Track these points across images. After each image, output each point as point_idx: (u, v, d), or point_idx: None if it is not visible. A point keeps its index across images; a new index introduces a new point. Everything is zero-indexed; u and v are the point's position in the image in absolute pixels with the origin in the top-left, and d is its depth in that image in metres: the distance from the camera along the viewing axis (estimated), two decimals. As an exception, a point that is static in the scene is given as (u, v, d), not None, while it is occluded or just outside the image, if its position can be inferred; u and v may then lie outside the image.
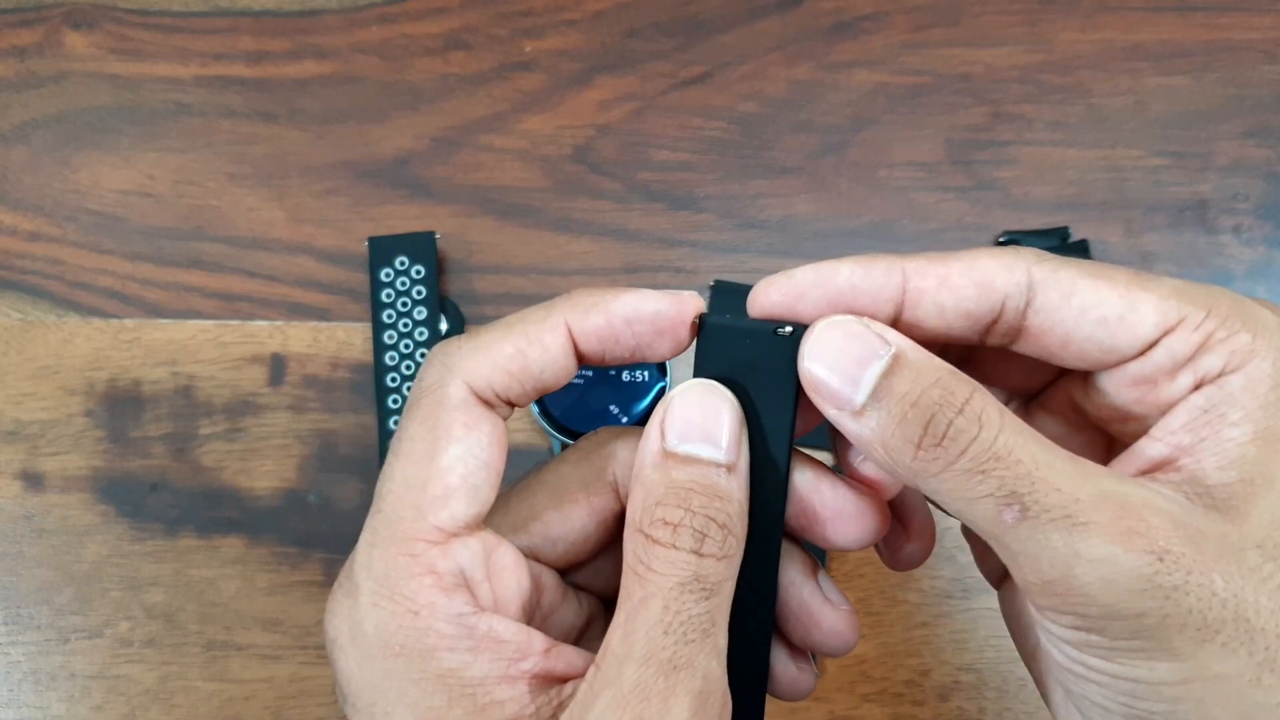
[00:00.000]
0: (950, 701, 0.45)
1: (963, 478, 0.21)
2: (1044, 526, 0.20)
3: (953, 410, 0.21)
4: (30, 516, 0.47)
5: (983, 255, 0.23)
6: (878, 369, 0.22)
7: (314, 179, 0.50)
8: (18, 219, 0.50)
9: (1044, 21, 0.51)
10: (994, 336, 0.24)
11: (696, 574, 0.22)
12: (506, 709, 0.22)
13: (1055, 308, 0.23)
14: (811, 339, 0.23)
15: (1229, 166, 0.49)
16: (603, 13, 0.52)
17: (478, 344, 0.24)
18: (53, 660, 0.45)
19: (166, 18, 0.52)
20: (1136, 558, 0.20)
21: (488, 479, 0.24)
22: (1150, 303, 0.22)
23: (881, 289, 0.23)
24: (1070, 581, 0.20)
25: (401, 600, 0.22)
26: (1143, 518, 0.20)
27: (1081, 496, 0.20)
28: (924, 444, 0.21)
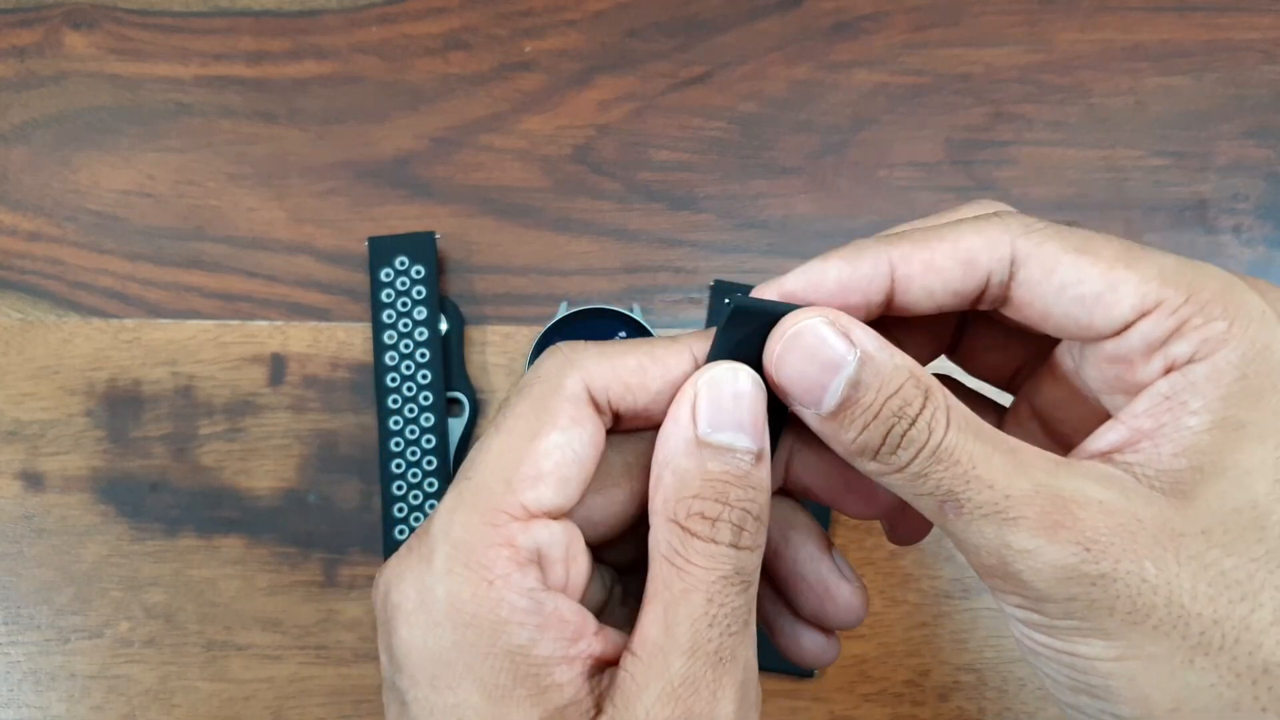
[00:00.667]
0: (950, 701, 0.45)
1: (910, 479, 0.22)
2: (977, 521, 0.22)
3: (907, 421, 0.22)
4: (30, 516, 0.47)
5: (967, 232, 0.24)
6: (845, 376, 0.22)
7: (314, 179, 0.50)
8: (18, 219, 0.50)
9: (1044, 21, 0.51)
10: (983, 305, 0.25)
11: (737, 567, 0.23)
12: (565, 692, 0.22)
13: (1036, 283, 0.23)
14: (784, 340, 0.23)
15: (1229, 166, 0.49)
16: (603, 13, 0.52)
17: (604, 349, 0.24)
18: (53, 660, 0.45)
19: (166, 18, 0.52)
20: (1061, 549, 0.21)
21: (579, 475, 0.24)
22: (1131, 284, 0.22)
23: (870, 282, 0.24)
24: (1006, 569, 0.21)
25: (477, 568, 0.22)
26: (1070, 511, 0.21)
27: (1013, 492, 0.21)
28: (880, 452, 0.22)
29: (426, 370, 0.46)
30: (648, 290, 0.49)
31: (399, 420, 0.46)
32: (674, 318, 0.48)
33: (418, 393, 0.46)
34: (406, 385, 0.46)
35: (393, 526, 0.45)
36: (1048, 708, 0.45)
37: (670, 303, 0.48)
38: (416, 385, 0.46)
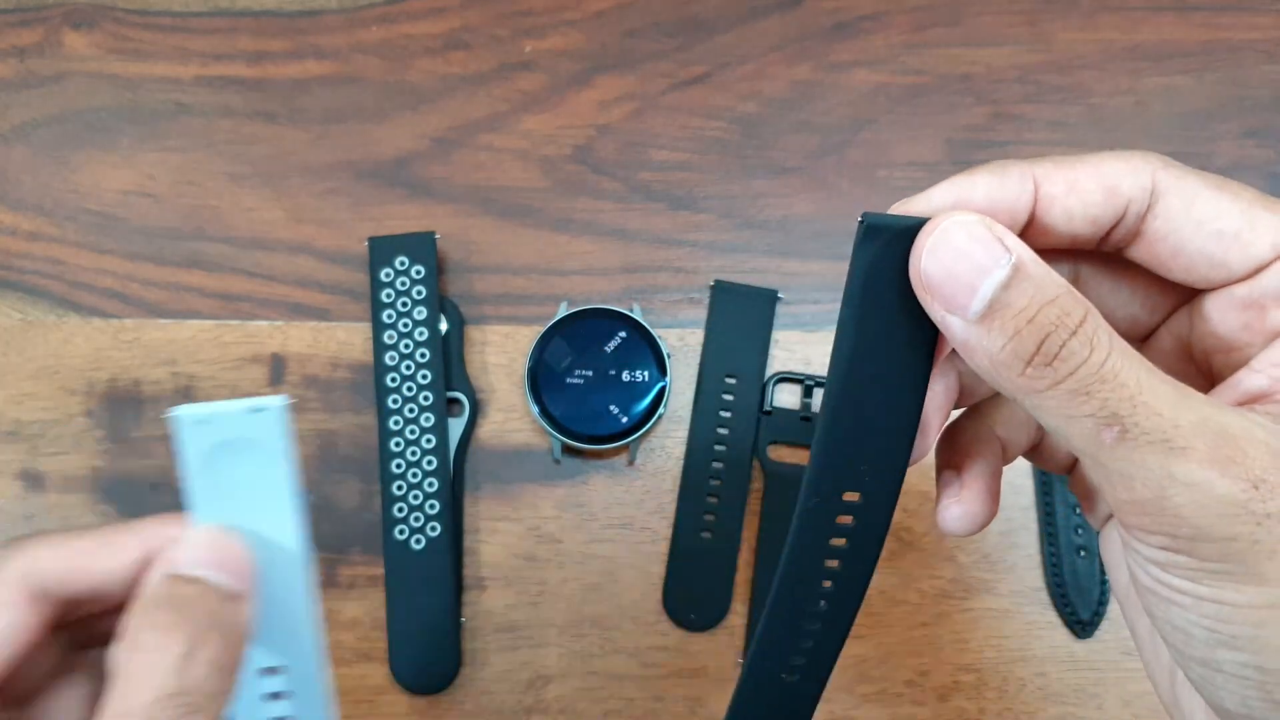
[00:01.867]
0: (950, 701, 0.45)
1: (1067, 397, 0.21)
2: (1142, 448, 0.20)
3: (1067, 331, 0.21)
4: (30, 516, 0.47)
5: (1109, 158, 0.23)
6: (998, 278, 0.21)
7: (314, 179, 0.50)
8: (18, 219, 0.50)
9: (1044, 21, 0.51)
10: (1112, 240, 0.24)
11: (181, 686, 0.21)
12: None
13: (1175, 215, 0.23)
14: (934, 235, 0.22)
15: (1229, 166, 0.49)
16: (603, 13, 0.52)
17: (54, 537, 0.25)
18: (53, 660, 0.45)
19: (166, 18, 0.52)
20: (1231, 483, 0.20)
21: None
22: (1270, 224, 0.22)
23: (1017, 199, 0.23)
24: (1163, 503, 0.20)
25: None
26: (1240, 447, 0.20)
27: (1181, 422, 0.20)
28: (1034, 362, 0.21)
29: (426, 370, 0.46)
30: (648, 290, 0.49)
31: (399, 420, 0.46)
32: (674, 318, 0.48)
33: (418, 393, 0.46)
34: (406, 385, 0.46)
35: (393, 526, 0.45)
36: (1048, 708, 0.45)
37: (670, 303, 0.48)
38: (416, 385, 0.46)
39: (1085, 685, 0.45)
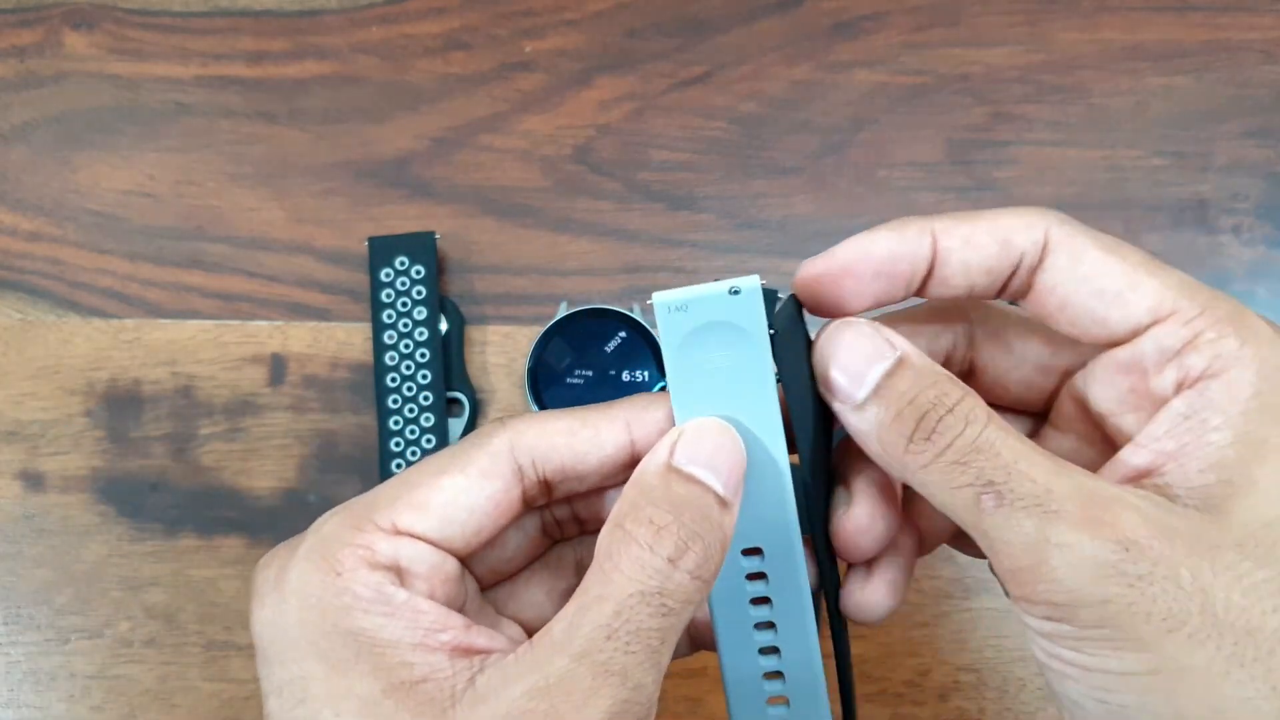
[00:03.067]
0: (950, 701, 0.45)
1: (946, 469, 0.22)
2: (1017, 513, 0.21)
3: (944, 409, 0.22)
4: (30, 516, 0.47)
5: (1005, 214, 0.25)
6: (882, 368, 0.23)
7: (314, 179, 0.50)
8: (18, 219, 0.50)
9: (1044, 21, 0.51)
10: (1007, 293, 0.25)
11: (663, 587, 0.22)
12: (416, 670, 0.22)
13: (1061, 269, 0.24)
14: (825, 336, 0.24)
15: (1229, 166, 0.49)
16: (603, 13, 0.52)
17: (539, 415, 0.25)
18: (53, 660, 0.45)
19: (166, 18, 0.52)
20: (1102, 545, 0.20)
21: (469, 521, 0.24)
22: (1150, 287, 0.23)
23: (916, 251, 0.24)
24: (1040, 568, 0.21)
25: (330, 560, 0.23)
26: (1112, 510, 0.21)
27: (1055, 488, 0.21)
28: (915, 438, 0.22)
29: (426, 370, 0.46)
30: (648, 290, 0.48)
31: (399, 420, 0.46)
32: (674, 318, 0.48)
33: (418, 393, 0.46)
34: (406, 385, 0.46)
35: (393, 526, 0.45)
36: (1047, 708, 0.45)
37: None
38: (416, 385, 0.46)
39: (1085, 685, 0.45)
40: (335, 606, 0.23)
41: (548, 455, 0.25)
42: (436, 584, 0.24)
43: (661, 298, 0.24)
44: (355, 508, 0.24)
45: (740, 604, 0.26)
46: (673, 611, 0.22)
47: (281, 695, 0.23)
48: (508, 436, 0.25)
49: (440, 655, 0.22)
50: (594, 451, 0.25)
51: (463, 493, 0.24)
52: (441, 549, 0.24)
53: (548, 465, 0.25)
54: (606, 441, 0.25)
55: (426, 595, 0.24)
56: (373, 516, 0.24)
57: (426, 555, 0.24)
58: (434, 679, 0.22)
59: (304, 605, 0.23)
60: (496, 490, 0.24)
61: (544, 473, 0.25)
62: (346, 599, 0.23)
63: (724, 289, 0.24)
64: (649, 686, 0.22)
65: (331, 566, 0.23)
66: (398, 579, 0.23)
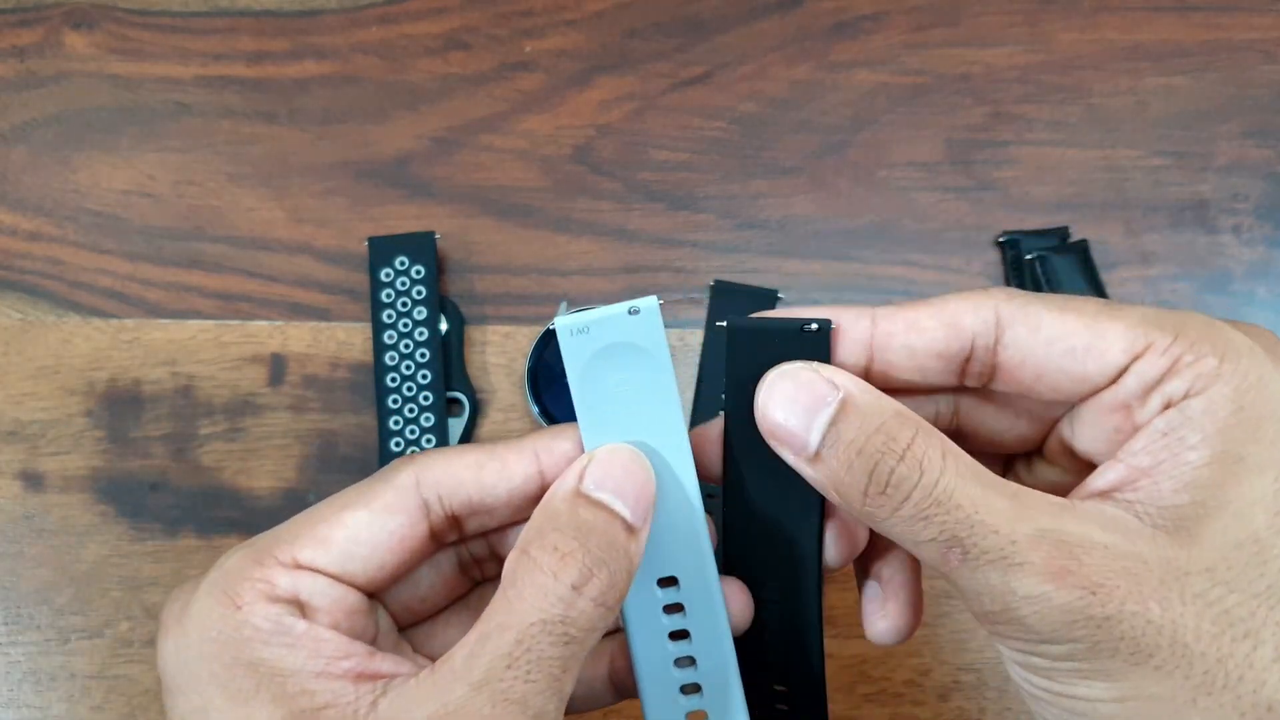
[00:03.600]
0: (950, 701, 0.45)
1: (908, 523, 0.22)
2: (983, 567, 0.21)
3: (894, 458, 0.22)
4: (30, 516, 0.47)
5: (951, 299, 0.24)
6: (826, 416, 0.22)
7: (314, 179, 0.50)
8: (18, 219, 0.50)
9: (1044, 21, 0.51)
10: (970, 377, 0.25)
11: (565, 615, 0.22)
12: (318, 698, 0.22)
13: (1024, 342, 0.23)
14: (764, 388, 0.24)
15: (1229, 166, 0.49)
16: (603, 13, 0.52)
17: (449, 451, 0.25)
18: (53, 660, 0.45)
19: (166, 18, 0.52)
20: (1068, 594, 0.21)
21: (369, 559, 0.24)
22: (1117, 331, 0.23)
23: (849, 332, 0.24)
24: (1009, 614, 0.21)
25: (230, 594, 0.23)
26: (1075, 556, 0.21)
27: (1017, 537, 0.21)
28: (870, 491, 0.22)
29: (426, 370, 0.46)
30: (647, 290, 0.49)
31: (399, 420, 0.46)
32: (674, 317, 0.48)
33: (418, 393, 0.46)
34: (406, 385, 0.46)
35: (393, 526, 0.45)
36: (1048, 708, 0.45)
37: (670, 303, 0.48)
38: (416, 385, 0.46)
39: (1085, 685, 0.45)
40: (235, 639, 0.23)
41: (454, 490, 0.25)
42: (340, 616, 0.24)
43: (563, 321, 0.24)
44: (258, 544, 0.24)
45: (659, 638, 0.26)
46: (575, 640, 0.22)
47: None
48: (413, 471, 0.25)
49: (343, 682, 0.23)
50: (502, 484, 0.25)
51: (365, 528, 0.24)
52: (343, 583, 0.24)
53: (454, 500, 0.25)
54: (515, 473, 0.25)
55: (331, 627, 0.24)
56: (274, 552, 0.24)
57: (327, 589, 0.24)
58: (336, 705, 0.22)
59: (204, 638, 0.23)
60: (401, 525, 0.25)
61: (451, 507, 0.25)
62: (246, 631, 0.23)
63: (624, 310, 0.24)
64: (550, 714, 0.22)
65: (231, 600, 0.23)
66: (299, 611, 0.24)
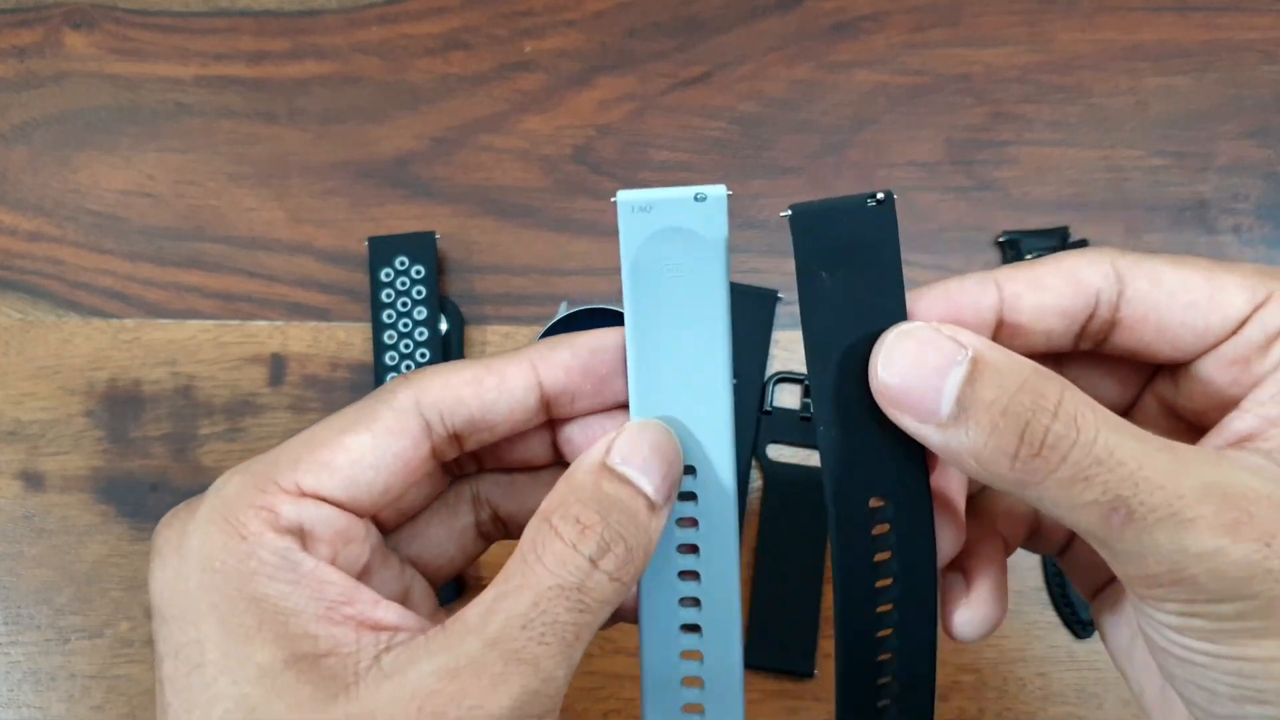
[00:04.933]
0: (950, 701, 0.45)
1: (1066, 485, 0.20)
2: (1151, 527, 0.20)
3: (1047, 415, 0.20)
4: (30, 516, 0.47)
5: (1067, 255, 0.23)
6: (959, 376, 0.21)
7: (314, 179, 0.50)
8: (18, 219, 0.50)
9: (1044, 21, 0.51)
10: (1088, 337, 0.24)
11: (582, 584, 0.22)
12: (320, 643, 0.22)
13: (1146, 295, 0.23)
14: (884, 350, 0.22)
15: (1229, 166, 0.49)
16: (603, 13, 0.52)
17: (443, 367, 0.25)
18: (53, 660, 0.45)
19: (166, 18, 0.52)
20: (1246, 546, 0.20)
21: (376, 479, 0.24)
22: (1235, 283, 0.22)
23: (979, 299, 0.23)
24: (1178, 574, 0.20)
25: (233, 523, 0.22)
26: (1246, 508, 0.20)
27: (1185, 491, 0.20)
28: (1021, 454, 0.20)
29: (426, 370, 0.46)
30: (648, 290, 0.48)
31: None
32: (674, 318, 0.48)
33: (418, 393, 0.46)
34: (406, 385, 0.46)
35: (393, 526, 0.45)
36: (1048, 708, 0.45)
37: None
38: (416, 385, 0.46)
39: (1085, 685, 0.45)
40: (239, 571, 0.22)
41: (455, 408, 0.24)
42: (340, 547, 0.24)
43: (626, 196, 0.23)
44: (257, 467, 0.23)
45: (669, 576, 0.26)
46: (589, 609, 0.22)
47: (178, 658, 0.22)
48: (412, 391, 0.24)
49: (345, 629, 0.22)
50: (502, 399, 0.24)
51: (369, 451, 0.24)
52: (347, 510, 0.24)
53: (456, 418, 0.24)
54: (514, 386, 0.24)
55: (330, 560, 0.23)
56: (275, 477, 0.23)
57: (331, 518, 0.23)
58: (338, 653, 0.22)
59: (206, 568, 0.22)
60: (404, 448, 0.24)
61: (453, 426, 0.25)
62: (252, 564, 0.22)
63: (689, 194, 0.23)
64: (559, 679, 0.22)
65: (235, 529, 0.22)
66: (301, 543, 0.23)
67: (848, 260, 0.23)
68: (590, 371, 0.25)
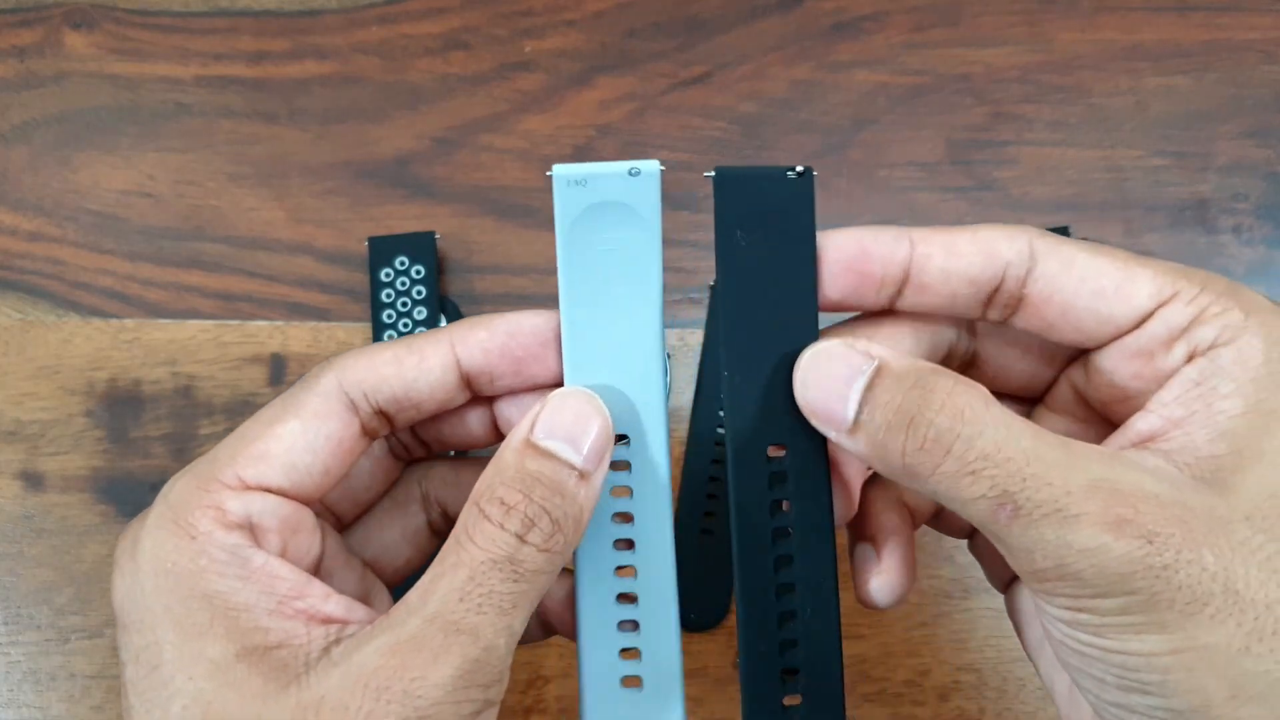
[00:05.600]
0: (950, 701, 0.45)
1: (953, 479, 0.21)
2: (1037, 522, 0.21)
3: (933, 410, 0.21)
4: (30, 516, 0.47)
5: (984, 228, 0.24)
6: (862, 383, 0.23)
7: (314, 179, 0.50)
8: (18, 219, 0.50)
9: (1044, 21, 0.51)
10: (995, 308, 0.24)
11: (512, 556, 0.22)
12: (270, 636, 0.22)
13: (1055, 276, 0.23)
14: (801, 368, 0.24)
15: (1229, 166, 0.49)
16: (603, 13, 0.52)
17: (365, 349, 0.26)
18: (53, 660, 0.45)
19: (166, 18, 0.52)
20: (1127, 543, 0.20)
21: (312, 466, 0.25)
22: (1146, 276, 0.23)
23: (891, 253, 0.24)
24: (1063, 570, 0.21)
25: (183, 525, 0.23)
26: (1131, 504, 0.21)
27: (1072, 488, 0.21)
28: (907, 448, 0.22)
29: (426, 370, 0.46)
30: (648, 290, 0.48)
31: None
32: (674, 317, 0.48)
33: (418, 393, 0.46)
34: (406, 385, 0.46)
35: (393, 526, 0.45)
36: (1048, 708, 0.45)
37: (670, 303, 0.48)
38: (416, 385, 0.46)
39: (1085, 685, 0.45)
40: (190, 570, 0.23)
41: (377, 387, 0.25)
42: (289, 537, 0.24)
43: (561, 170, 0.24)
44: (198, 468, 0.24)
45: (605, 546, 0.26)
46: (523, 578, 0.23)
47: (138, 662, 0.23)
48: (334, 374, 0.25)
49: (296, 622, 0.23)
50: (423, 377, 0.25)
51: (299, 436, 0.24)
52: (291, 498, 0.24)
53: (379, 396, 0.25)
54: (433, 365, 0.25)
55: (280, 552, 0.24)
56: (217, 475, 0.24)
57: (277, 508, 0.24)
58: (289, 645, 0.22)
59: (158, 571, 0.23)
60: (334, 429, 0.25)
61: (377, 403, 0.25)
62: (202, 562, 0.23)
63: (624, 169, 0.24)
64: (500, 648, 0.22)
65: (184, 530, 0.23)
66: (252, 538, 0.23)
67: (764, 223, 0.24)
68: (506, 352, 0.25)
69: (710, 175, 0.24)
